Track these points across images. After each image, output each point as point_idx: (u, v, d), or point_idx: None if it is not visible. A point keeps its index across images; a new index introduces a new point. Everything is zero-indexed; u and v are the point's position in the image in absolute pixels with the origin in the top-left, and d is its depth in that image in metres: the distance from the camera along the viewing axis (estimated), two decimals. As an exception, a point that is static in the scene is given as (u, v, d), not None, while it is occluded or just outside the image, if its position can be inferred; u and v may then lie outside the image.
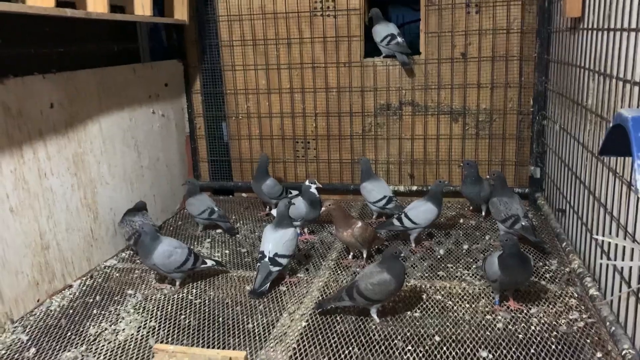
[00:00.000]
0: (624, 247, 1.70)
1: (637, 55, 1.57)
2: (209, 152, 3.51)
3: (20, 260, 2.02)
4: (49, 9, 1.86)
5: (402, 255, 1.89)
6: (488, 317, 1.90)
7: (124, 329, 1.92)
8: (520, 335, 1.77)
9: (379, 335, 1.80)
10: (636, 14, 1.60)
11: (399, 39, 3.05)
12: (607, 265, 1.85)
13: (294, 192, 3.01)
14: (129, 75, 2.72)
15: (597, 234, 1.96)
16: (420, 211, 2.49)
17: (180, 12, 2.92)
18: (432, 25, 3.05)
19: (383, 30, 3.08)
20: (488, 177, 2.75)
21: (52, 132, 2.18)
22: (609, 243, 1.85)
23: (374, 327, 1.86)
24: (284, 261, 2.16)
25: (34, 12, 1.82)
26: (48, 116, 2.17)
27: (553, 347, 1.69)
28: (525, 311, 1.92)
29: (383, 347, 1.74)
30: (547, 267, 2.25)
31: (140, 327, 1.93)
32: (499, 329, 1.82)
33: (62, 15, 1.96)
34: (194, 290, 2.21)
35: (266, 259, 2.14)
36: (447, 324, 1.87)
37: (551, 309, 1.93)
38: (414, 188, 3.25)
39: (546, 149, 2.90)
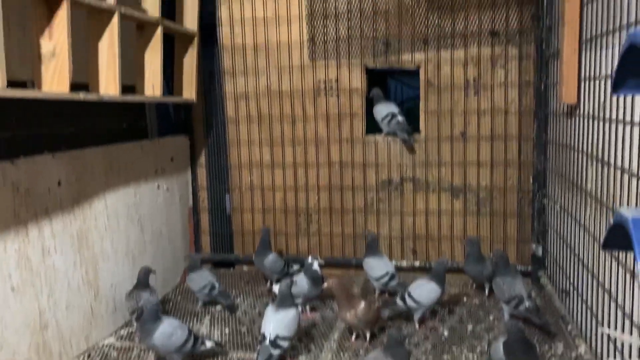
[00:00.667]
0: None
1: (634, 147, 1.61)
2: (211, 225, 3.53)
3: (19, 341, 1.99)
4: (64, 94, 1.94)
5: (407, 340, 1.86)
6: (495, 406, 1.85)
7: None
8: None
9: None
10: (630, 106, 1.66)
11: (399, 118, 3.14)
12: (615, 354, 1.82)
13: (296, 267, 3.00)
14: (136, 151, 2.78)
15: (602, 321, 1.94)
16: (424, 290, 2.47)
17: (189, 91, 3.02)
18: (432, 105, 3.15)
19: (384, 110, 3.17)
20: (491, 255, 2.75)
21: (58, 209, 2.21)
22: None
23: (377, 416, 1.81)
24: (285, 344, 2.12)
25: (49, 98, 1.89)
26: (55, 194, 2.20)
27: None
28: (532, 401, 1.87)
29: None
30: (552, 351, 2.21)
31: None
32: (506, 420, 1.77)
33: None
34: (193, 373, 2.16)
35: (267, 342, 2.10)
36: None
37: (559, 398, 1.88)
38: (417, 264, 3.24)
39: (547, 227, 2.91)
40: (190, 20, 2.97)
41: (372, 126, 3.28)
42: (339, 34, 3.20)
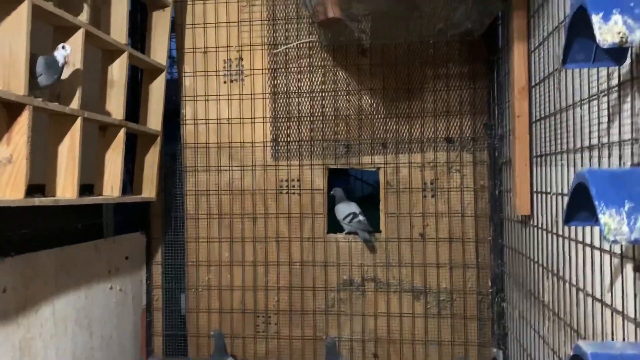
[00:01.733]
0: None
1: (587, 267, 1.66)
2: (165, 326, 3.38)
3: None
4: (18, 200, 1.88)
5: None
6: None
7: None
8: None
9: None
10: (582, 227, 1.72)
11: (361, 217, 3.17)
12: None
13: (253, 374, 2.87)
14: (90, 252, 2.69)
15: None
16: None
17: (149, 189, 2.99)
18: (391, 206, 3.21)
19: (345, 209, 3.21)
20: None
21: (1, 318, 2.07)
22: None
23: None
24: None
25: (1, 205, 1.83)
26: (-1, 302, 2.08)
27: None
28: None
29: None
30: None
31: None
32: None
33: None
34: None
35: None
36: None
37: None
38: (378, 368, 3.16)
39: (507, 332, 2.91)
40: (155, 120, 2.99)
41: (334, 225, 3.30)
42: (301, 136, 3.29)
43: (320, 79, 3.28)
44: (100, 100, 2.57)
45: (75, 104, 2.21)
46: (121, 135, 2.59)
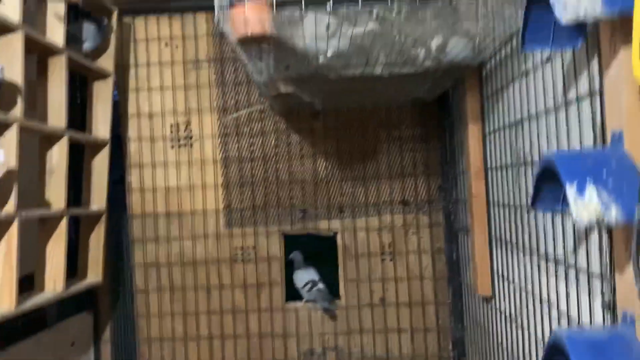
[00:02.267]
0: None
1: None
2: (116, 409, 3.19)
3: None
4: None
5: None
6: None
7: None
8: None
9: None
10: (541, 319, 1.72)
11: (320, 286, 3.10)
12: None
13: None
14: (32, 349, 2.48)
15: None
16: None
17: (95, 272, 2.81)
18: (350, 271, 3.16)
19: (304, 276, 3.13)
20: None
21: None
22: None
23: None
24: None
25: None
26: None
27: None
28: None
29: None
30: None
31: None
32: None
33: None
34: None
35: None
36: None
37: None
38: None
39: (471, 398, 2.91)
40: (98, 198, 2.82)
41: (293, 291, 3.21)
42: (255, 202, 3.19)
43: (273, 142, 3.20)
44: (39, 190, 2.39)
45: (11, 205, 2.03)
46: (63, 224, 2.42)
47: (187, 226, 3.20)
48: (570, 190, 1.02)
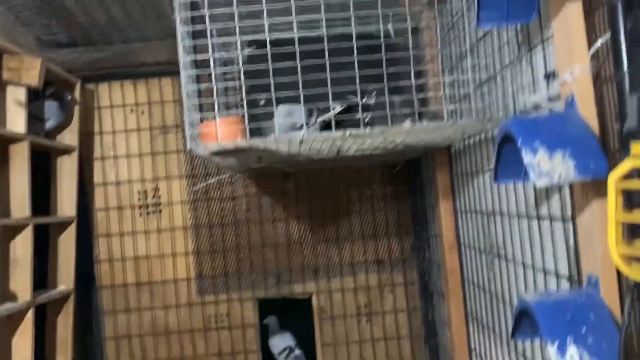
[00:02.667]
0: None
1: None
2: None
3: None
4: None
5: None
6: None
7: None
8: None
9: None
10: None
11: (297, 352, 3.06)
12: None
13: None
14: None
15: None
16: None
17: (64, 355, 2.71)
18: (327, 334, 3.13)
19: (280, 343, 3.09)
20: None
21: None
22: None
23: None
24: None
25: None
26: None
27: None
28: None
29: None
30: None
31: None
32: None
33: None
34: None
35: None
36: None
37: None
38: None
39: None
40: (66, 278, 2.74)
41: (269, 357, 3.15)
42: (228, 268, 3.14)
43: (244, 207, 3.16)
44: (3, 281, 2.29)
45: (-27, 311, 1.95)
46: (29, 316, 2.33)
47: (159, 295, 3.12)
48: (552, 350, 1.03)
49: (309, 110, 2.14)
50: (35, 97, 2.59)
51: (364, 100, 2.12)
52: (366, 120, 2.17)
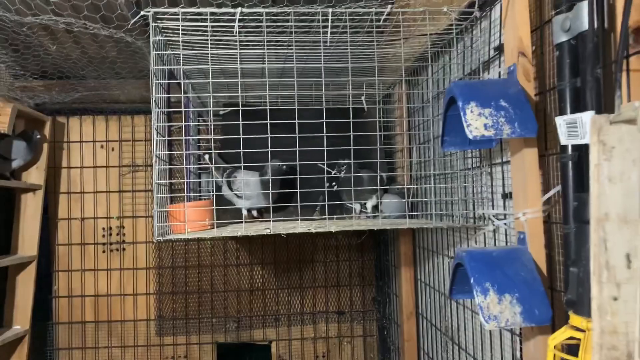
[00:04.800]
0: None
1: None
2: None
3: None
4: None
5: None
6: None
7: None
8: None
9: None
10: None
11: (252, 398, 3.08)
12: None
13: None
14: None
15: None
16: None
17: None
18: (284, 381, 3.15)
19: (236, 389, 3.10)
20: None
21: None
22: None
23: None
24: None
25: None
26: None
27: None
28: None
29: None
30: None
31: None
32: None
33: None
34: None
35: None
36: None
37: None
38: None
39: None
40: (22, 318, 2.69)
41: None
42: (189, 311, 3.13)
43: (209, 250, 3.17)
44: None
45: None
46: (-20, 364, 2.28)
47: (117, 334, 3.09)
48: (477, 290, 1.08)
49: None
50: (1, 137, 2.55)
51: (334, 172, 2.17)
52: (334, 189, 2.22)
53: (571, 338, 0.94)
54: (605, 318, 0.72)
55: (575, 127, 0.95)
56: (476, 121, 1.07)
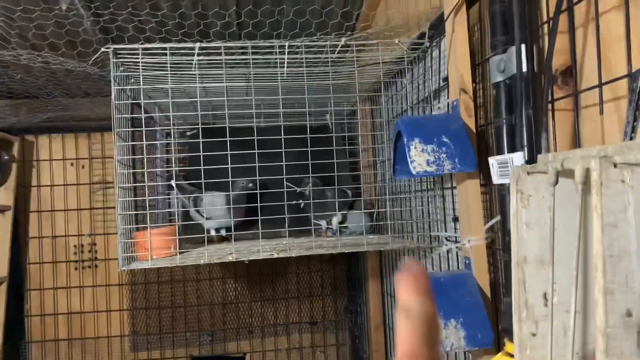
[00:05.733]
0: None
1: None
2: None
3: None
4: None
5: None
6: None
7: None
8: None
9: None
10: None
11: (228, 410, 3.11)
12: None
13: None
14: None
15: None
16: None
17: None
18: (259, 392, 3.20)
19: (211, 401, 3.13)
20: None
21: None
22: None
23: None
24: None
25: None
26: None
27: None
28: None
29: None
30: None
31: None
32: None
33: None
34: None
35: None
36: None
37: None
38: None
39: None
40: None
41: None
42: (162, 326, 3.16)
43: (181, 266, 3.19)
44: None
45: None
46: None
47: (91, 351, 3.11)
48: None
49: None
50: (-30, 158, 2.55)
51: (299, 190, 2.22)
52: (301, 207, 2.28)
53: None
54: (525, 353, 0.79)
55: (506, 167, 1.02)
56: (419, 157, 1.13)
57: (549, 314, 0.78)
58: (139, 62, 1.50)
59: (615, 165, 0.62)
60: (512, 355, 0.98)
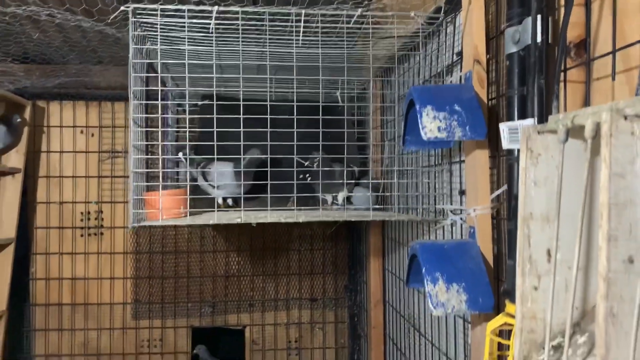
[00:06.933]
0: None
1: None
2: None
3: None
4: None
5: None
6: None
7: None
8: None
9: None
10: None
11: (226, 382, 3.17)
12: None
13: None
14: None
15: None
16: None
17: (-10, 377, 2.72)
18: (257, 365, 3.25)
19: (210, 371, 3.18)
20: None
21: None
22: None
23: None
24: None
25: None
26: None
27: None
28: None
29: None
30: None
31: None
32: None
33: None
34: None
35: None
36: None
37: None
38: None
39: None
40: (-1, 299, 2.74)
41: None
42: (165, 295, 3.20)
43: (186, 237, 3.23)
44: None
45: None
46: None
47: (93, 317, 3.16)
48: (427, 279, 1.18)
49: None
50: (-18, 119, 2.58)
51: (307, 164, 2.25)
52: (308, 180, 2.31)
53: (506, 324, 1.04)
54: (526, 305, 0.82)
55: (516, 133, 1.04)
56: (431, 124, 1.15)
57: (552, 270, 0.80)
58: (157, 24, 1.52)
59: (625, 118, 0.64)
60: (512, 316, 1.00)
